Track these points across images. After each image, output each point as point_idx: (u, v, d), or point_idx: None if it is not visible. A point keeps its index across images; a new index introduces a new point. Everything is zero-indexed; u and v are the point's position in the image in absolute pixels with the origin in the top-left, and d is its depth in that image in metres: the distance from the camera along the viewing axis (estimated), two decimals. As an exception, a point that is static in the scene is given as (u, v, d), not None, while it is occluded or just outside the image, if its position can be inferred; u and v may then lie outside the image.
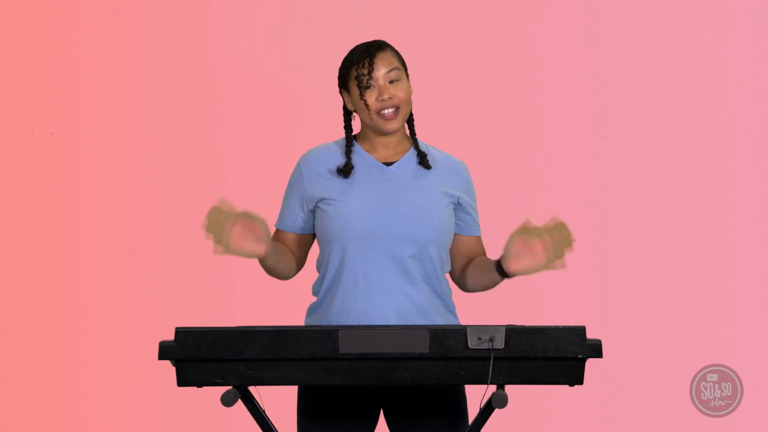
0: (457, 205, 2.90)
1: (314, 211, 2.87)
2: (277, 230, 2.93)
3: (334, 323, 2.81)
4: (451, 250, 2.91)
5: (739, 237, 4.57)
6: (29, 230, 4.72)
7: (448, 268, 2.91)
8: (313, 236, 2.93)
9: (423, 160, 2.88)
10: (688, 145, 4.60)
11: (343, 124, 2.93)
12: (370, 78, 2.80)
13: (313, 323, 2.87)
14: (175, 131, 4.71)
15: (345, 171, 2.85)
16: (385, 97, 2.80)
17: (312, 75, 4.63)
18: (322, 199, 2.84)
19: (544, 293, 4.55)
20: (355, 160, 2.88)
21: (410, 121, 2.93)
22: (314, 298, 2.92)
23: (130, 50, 4.71)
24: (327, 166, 2.88)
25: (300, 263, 2.95)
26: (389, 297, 2.79)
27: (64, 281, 4.72)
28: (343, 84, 2.88)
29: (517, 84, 4.63)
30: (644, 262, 4.58)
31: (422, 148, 2.92)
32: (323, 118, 4.53)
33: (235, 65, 4.68)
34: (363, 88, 2.81)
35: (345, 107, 2.93)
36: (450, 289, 2.92)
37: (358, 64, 2.81)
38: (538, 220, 4.73)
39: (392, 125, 2.83)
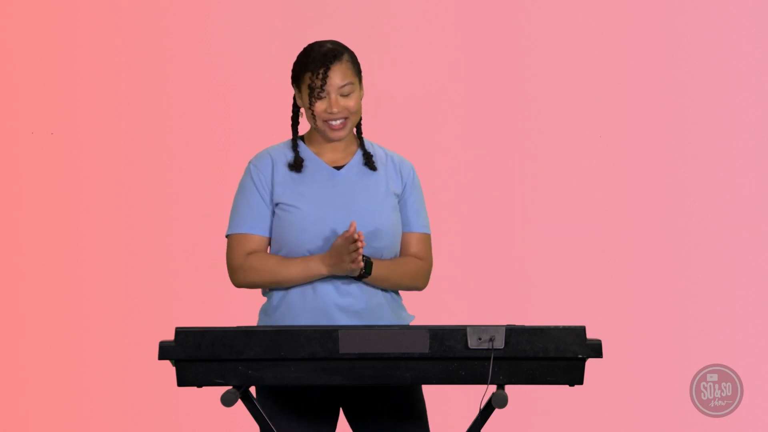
0: (399, 202, 2.91)
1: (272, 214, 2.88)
2: (246, 236, 2.88)
3: (288, 323, 2.82)
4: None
5: (739, 237, 4.57)
6: (29, 230, 4.72)
7: None
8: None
9: (368, 161, 2.90)
10: (688, 145, 4.60)
11: (291, 117, 2.94)
12: (322, 90, 2.82)
13: (267, 324, 2.87)
14: (175, 131, 4.70)
15: (296, 165, 2.88)
16: (335, 110, 2.82)
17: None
18: (277, 204, 2.86)
19: (544, 293, 4.55)
20: (307, 164, 2.89)
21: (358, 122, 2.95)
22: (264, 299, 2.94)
23: (130, 50, 4.70)
24: (279, 170, 2.89)
25: None
26: (344, 299, 2.82)
27: (64, 281, 4.72)
28: (296, 82, 2.88)
29: (517, 84, 4.63)
30: (644, 262, 4.57)
31: (369, 149, 2.93)
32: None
33: (235, 65, 4.68)
34: (314, 97, 2.83)
35: (295, 102, 2.93)
36: None
37: (313, 73, 2.82)
38: (538, 221, 4.74)
39: (339, 134, 2.86)
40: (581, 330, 2.49)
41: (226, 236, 2.90)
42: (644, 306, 4.57)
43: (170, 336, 2.52)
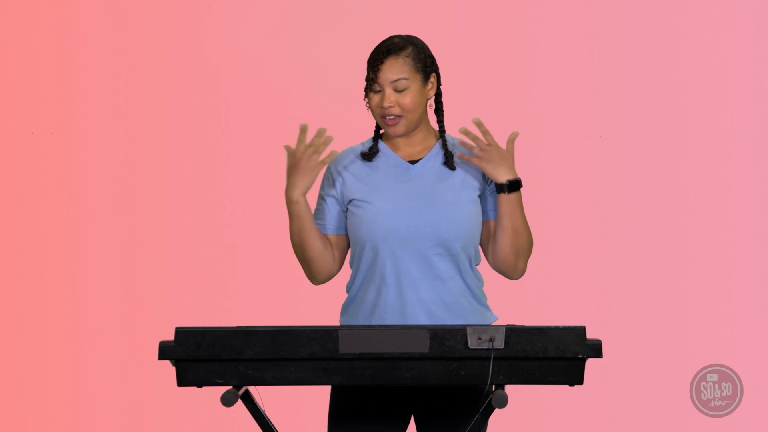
0: (482, 195, 2.90)
1: (346, 212, 2.88)
2: None
3: (368, 320, 2.84)
4: (484, 238, 2.92)
5: (739, 237, 4.57)
6: (29, 230, 4.72)
7: (478, 261, 2.92)
8: (346, 239, 2.93)
9: (448, 160, 2.89)
10: (688, 145, 4.60)
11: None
12: (375, 83, 2.83)
13: (348, 320, 2.90)
14: (175, 131, 4.70)
15: (369, 155, 2.89)
16: (386, 104, 2.82)
17: (312, 75, 4.63)
18: (351, 201, 2.87)
19: (544, 293, 4.55)
20: (382, 160, 2.90)
21: (440, 116, 2.95)
22: (341, 297, 2.95)
23: (130, 50, 4.70)
24: (354, 166, 2.91)
25: (339, 264, 2.94)
26: (419, 294, 2.82)
27: (64, 281, 4.72)
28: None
29: (517, 84, 4.63)
30: (644, 262, 4.57)
31: (450, 146, 2.92)
32: (323, 118, 4.52)
33: (235, 65, 4.68)
34: (369, 90, 2.85)
35: None
36: (482, 280, 2.93)
37: (371, 66, 2.84)
38: (538, 221, 4.74)
39: (394, 131, 2.86)
40: (581, 330, 2.48)
41: None
42: (644, 306, 4.57)
43: (170, 336, 2.52)
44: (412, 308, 2.81)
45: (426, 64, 2.87)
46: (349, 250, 2.94)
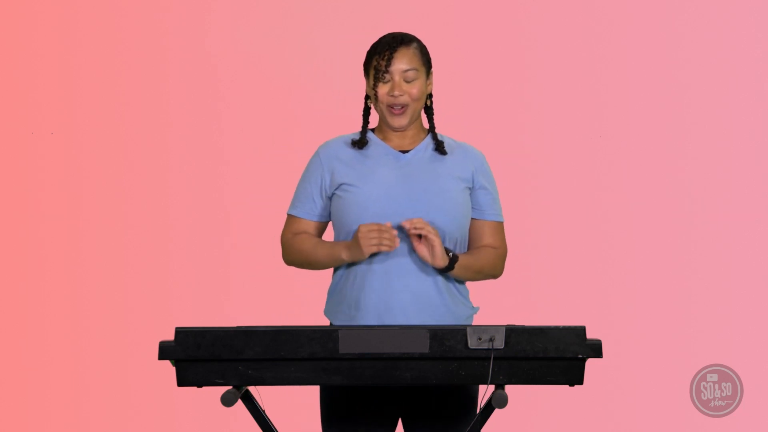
0: (471, 189, 2.91)
1: (331, 197, 2.89)
2: (294, 218, 2.94)
3: (352, 307, 2.84)
4: (469, 236, 2.93)
5: (739, 237, 4.57)
6: (29, 230, 4.72)
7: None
8: (326, 225, 2.95)
9: (439, 146, 2.92)
10: (688, 145, 4.60)
11: (363, 108, 2.97)
12: (386, 72, 2.85)
13: (333, 306, 2.91)
14: (175, 131, 4.71)
15: (360, 143, 2.91)
16: (396, 93, 2.85)
17: (312, 75, 4.63)
18: (339, 185, 2.88)
19: (544, 293, 4.55)
20: (372, 148, 2.92)
21: (429, 113, 2.97)
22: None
23: (130, 50, 4.71)
24: (345, 153, 2.92)
25: None
26: (405, 281, 2.83)
27: (64, 281, 4.72)
28: (366, 69, 2.92)
29: (517, 84, 4.63)
30: (644, 262, 4.58)
31: (440, 138, 2.95)
32: (324, 118, 4.54)
33: (235, 65, 4.68)
34: (377, 80, 2.86)
35: (367, 95, 2.96)
36: None
37: (379, 55, 2.85)
38: (538, 221, 4.74)
39: (399, 121, 2.88)
40: (581, 330, 2.49)
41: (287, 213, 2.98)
42: (644, 306, 4.57)
43: (170, 336, 2.52)
44: (398, 295, 2.81)
45: (429, 60, 2.92)
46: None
